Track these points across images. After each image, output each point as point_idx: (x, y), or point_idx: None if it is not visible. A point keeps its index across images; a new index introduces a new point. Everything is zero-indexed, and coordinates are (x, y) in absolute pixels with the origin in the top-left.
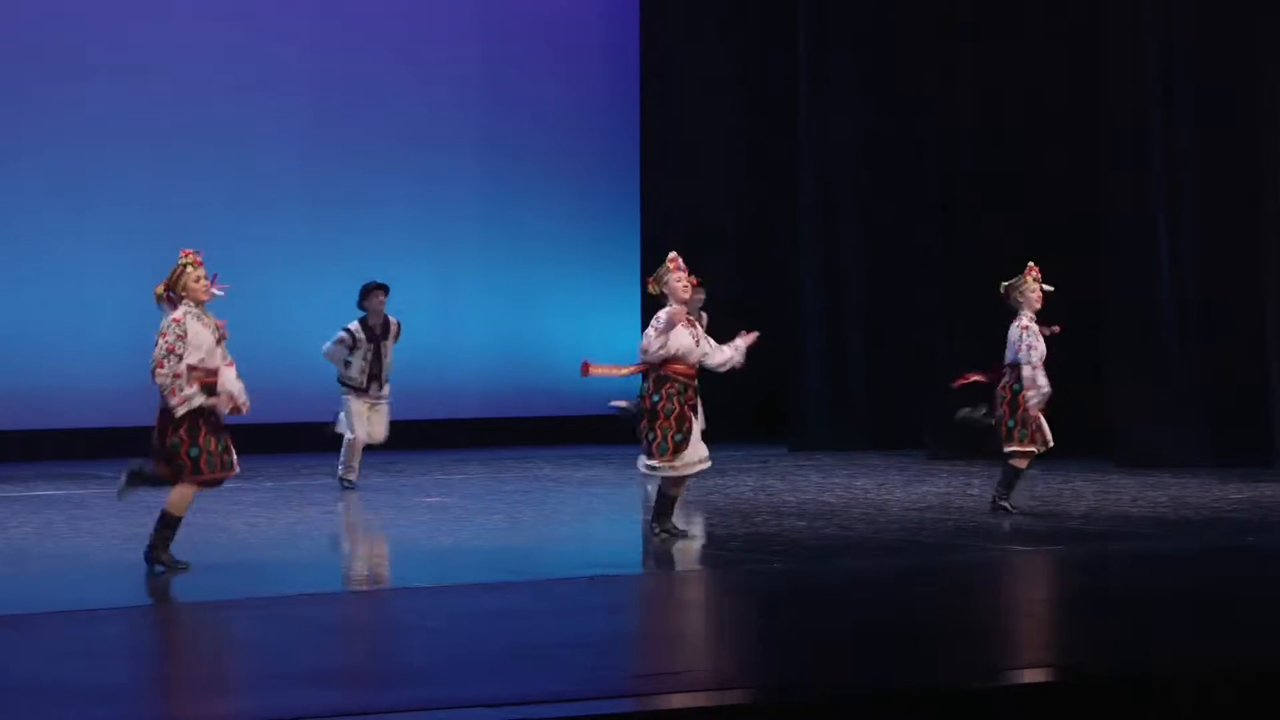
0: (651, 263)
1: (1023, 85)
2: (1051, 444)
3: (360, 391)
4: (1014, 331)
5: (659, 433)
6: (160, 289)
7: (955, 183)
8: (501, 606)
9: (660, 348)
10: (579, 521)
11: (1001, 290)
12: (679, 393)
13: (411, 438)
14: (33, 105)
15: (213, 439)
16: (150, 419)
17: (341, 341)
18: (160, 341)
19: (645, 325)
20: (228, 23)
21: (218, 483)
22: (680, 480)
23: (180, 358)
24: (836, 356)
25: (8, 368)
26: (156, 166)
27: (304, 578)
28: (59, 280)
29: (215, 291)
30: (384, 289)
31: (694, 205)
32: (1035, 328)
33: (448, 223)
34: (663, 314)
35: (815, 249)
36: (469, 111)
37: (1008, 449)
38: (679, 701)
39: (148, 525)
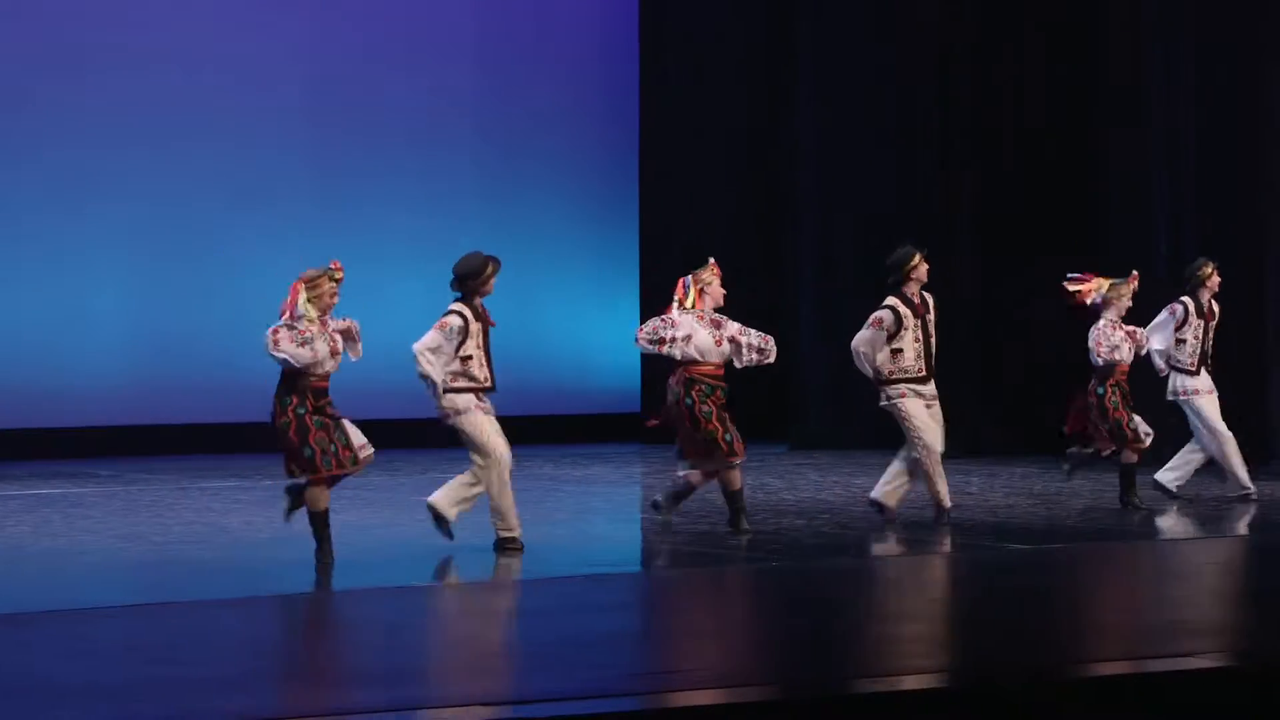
0: (650, 261)
1: (1023, 84)
2: (1141, 441)
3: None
4: (1091, 334)
5: (707, 437)
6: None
7: (956, 178)
8: (499, 605)
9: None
10: (577, 520)
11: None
12: (710, 393)
13: (408, 436)
14: (32, 105)
15: (324, 435)
16: (147, 417)
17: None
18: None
19: (643, 324)
20: (227, 21)
21: (339, 478)
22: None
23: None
24: (837, 354)
25: (5, 365)
26: (156, 165)
27: (302, 576)
28: (58, 279)
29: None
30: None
31: (693, 204)
32: (1113, 329)
33: (446, 222)
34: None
35: (815, 246)
36: (467, 111)
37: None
38: (678, 700)
39: (145, 525)
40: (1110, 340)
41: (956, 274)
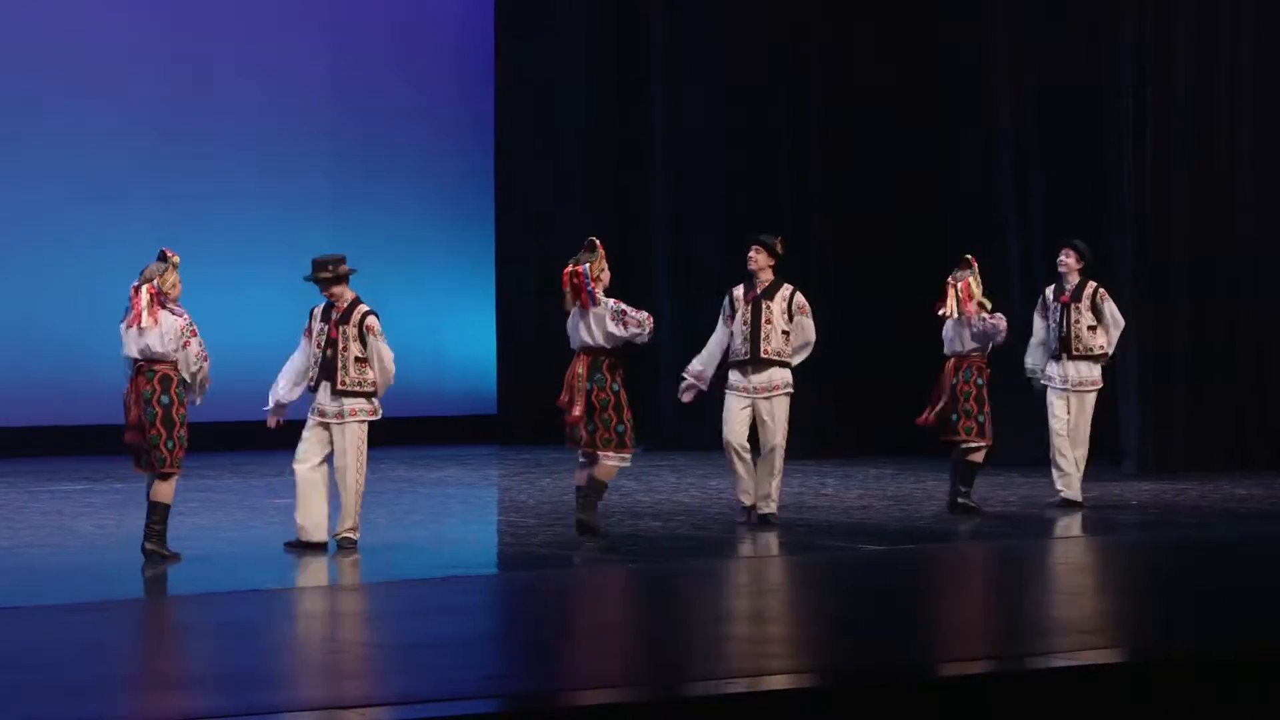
0: (506, 263)
1: (876, 71)
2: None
3: None
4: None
5: (627, 424)
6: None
7: (810, 177)
8: (353, 608)
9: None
10: (432, 522)
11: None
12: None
13: (262, 438)
14: None
15: (182, 430)
16: None
17: None
18: (195, 343)
19: (501, 325)
20: (75, 22)
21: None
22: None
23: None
24: (691, 355)
25: None
26: (1, 166)
27: (152, 580)
28: None
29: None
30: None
31: (549, 205)
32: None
33: (298, 225)
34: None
35: (670, 245)
36: (319, 112)
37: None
38: (535, 703)
39: None
40: (954, 327)
41: (809, 273)
